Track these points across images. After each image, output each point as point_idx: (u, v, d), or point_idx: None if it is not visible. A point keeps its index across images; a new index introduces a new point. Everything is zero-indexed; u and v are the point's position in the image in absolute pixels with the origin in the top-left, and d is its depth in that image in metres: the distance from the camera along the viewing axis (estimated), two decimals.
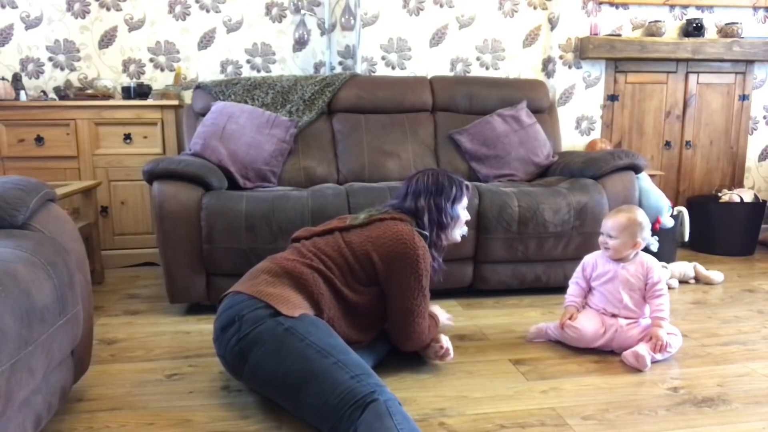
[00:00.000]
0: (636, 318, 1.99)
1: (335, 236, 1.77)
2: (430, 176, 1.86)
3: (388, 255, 1.69)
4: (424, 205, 1.81)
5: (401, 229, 1.72)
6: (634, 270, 2.00)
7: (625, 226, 1.98)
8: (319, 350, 1.46)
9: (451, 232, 1.88)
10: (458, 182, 1.88)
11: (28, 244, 1.36)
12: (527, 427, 1.53)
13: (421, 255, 1.69)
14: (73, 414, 1.60)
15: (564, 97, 3.57)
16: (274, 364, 1.48)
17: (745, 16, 3.74)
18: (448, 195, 1.84)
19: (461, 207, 1.89)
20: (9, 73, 3.17)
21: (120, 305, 2.56)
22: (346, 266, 1.72)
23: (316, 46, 3.44)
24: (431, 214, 1.82)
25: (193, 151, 2.75)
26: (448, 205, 1.83)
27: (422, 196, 1.83)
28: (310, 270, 1.68)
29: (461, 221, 1.90)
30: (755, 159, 3.87)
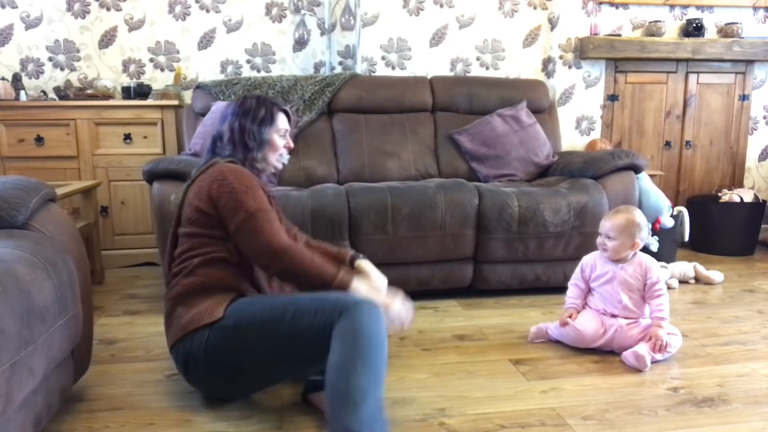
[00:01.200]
0: (636, 318, 1.99)
1: (178, 233, 1.72)
2: (241, 99, 1.80)
3: (207, 194, 1.63)
4: (227, 127, 1.76)
5: (211, 170, 1.67)
6: (632, 270, 2.00)
7: (624, 227, 1.98)
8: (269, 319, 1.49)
9: (263, 155, 1.78)
10: (270, 105, 1.80)
11: (28, 244, 1.36)
12: (527, 427, 1.53)
13: (230, 173, 1.63)
14: (73, 414, 1.60)
15: (564, 97, 3.57)
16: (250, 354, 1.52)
17: (745, 16, 3.74)
18: (254, 116, 1.76)
19: (273, 131, 1.79)
20: (9, 73, 3.17)
21: (120, 305, 2.56)
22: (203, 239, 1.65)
23: (316, 46, 3.44)
24: (233, 135, 1.75)
25: (193, 151, 2.75)
26: (254, 127, 1.75)
27: (228, 118, 1.78)
28: (193, 276, 1.62)
29: (274, 145, 1.79)
30: (755, 159, 3.87)
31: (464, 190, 2.54)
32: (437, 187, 2.55)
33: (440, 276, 2.55)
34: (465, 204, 2.49)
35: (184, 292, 1.63)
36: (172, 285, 1.68)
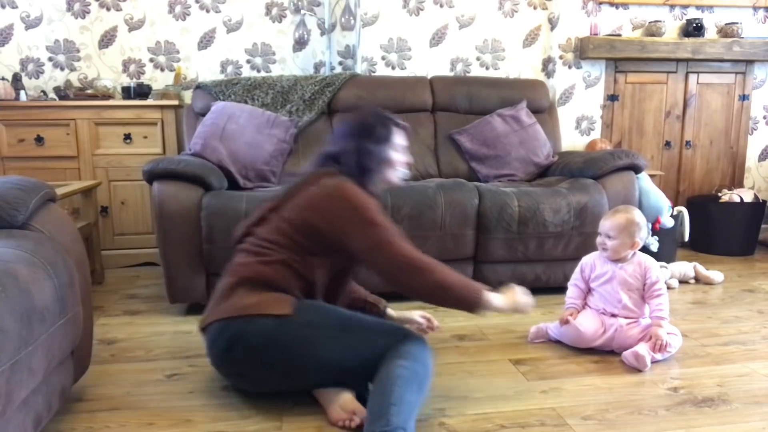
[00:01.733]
0: (636, 318, 1.99)
1: (272, 219, 1.70)
2: (358, 116, 1.78)
3: (324, 212, 1.61)
4: (347, 148, 1.72)
5: (326, 183, 1.65)
6: (632, 270, 2.00)
7: (624, 227, 1.98)
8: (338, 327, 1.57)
9: (383, 175, 1.76)
10: (387, 122, 1.76)
11: (28, 244, 1.36)
12: (527, 427, 1.53)
13: (353, 194, 1.61)
14: (73, 414, 1.60)
15: (564, 97, 3.57)
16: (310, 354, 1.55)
17: (745, 16, 3.74)
18: (375, 137, 1.72)
19: (391, 148, 1.76)
20: (9, 73, 3.17)
21: (120, 305, 2.56)
22: (294, 245, 1.64)
23: (316, 46, 3.44)
24: (354, 157, 1.70)
25: (193, 151, 2.75)
26: (374, 147, 1.72)
27: (346, 138, 1.74)
28: (268, 266, 1.62)
29: (393, 163, 1.77)
30: (755, 159, 3.87)
31: (464, 190, 2.54)
32: (437, 187, 2.55)
33: None
34: (465, 204, 2.49)
35: (253, 277, 1.62)
36: (242, 263, 1.66)
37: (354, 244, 1.60)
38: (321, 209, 1.62)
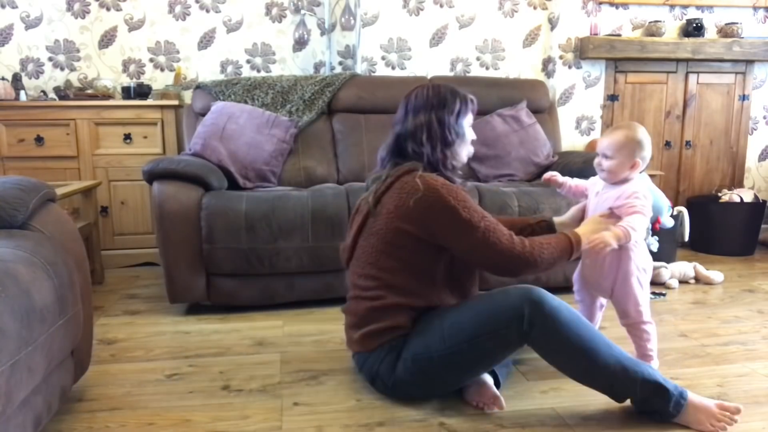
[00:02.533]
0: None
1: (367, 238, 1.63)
2: (431, 89, 1.65)
3: (416, 215, 1.53)
4: (423, 121, 1.61)
5: (409, 185, 1.54)
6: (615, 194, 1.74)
7: (622, 144, 1.72)
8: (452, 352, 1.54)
9: (458, 150, 1.66)
10: (462, 95, 1.67)
11: (28, 244, 1.36)
12: (527, 427, 1.53)
13: (444, 193, 1.52)
14: (73, 414, 1.60)
15: (564, 97, 3.57)
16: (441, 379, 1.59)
17: (745, 16, 3.73)
18: (451, 108, 1.62)
19: (467, 122, 1.67)
20: (9, 73, 3.17)
21: (120, 305, 2.56)
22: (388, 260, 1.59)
23: (316, 46, 3.44)
24: (432, 130, 1.60)
25: (193, 151, 2.75)
26: (452, 119, 1.62)
27: (422, 111, 1.62)
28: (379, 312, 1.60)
29: (467, 139, 1.68)
30: (755, 159, 3.87)
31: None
32: None
33: None
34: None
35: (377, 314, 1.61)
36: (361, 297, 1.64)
37: (455, 247, 1.57)
38: (410, 213, 1.54)
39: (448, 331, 1.54)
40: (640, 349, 1.84)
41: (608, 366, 1.48)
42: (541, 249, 1.56)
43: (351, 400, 1.67)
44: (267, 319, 2.35)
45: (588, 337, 1.48)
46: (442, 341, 1.53)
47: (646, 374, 1.49)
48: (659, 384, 1.49)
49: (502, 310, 1.50)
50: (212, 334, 2.20)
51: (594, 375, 1.51)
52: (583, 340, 1.48)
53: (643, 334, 1.82)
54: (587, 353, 1.48)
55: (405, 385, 1.61)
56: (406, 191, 1.54)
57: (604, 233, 1.62)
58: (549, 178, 1.94)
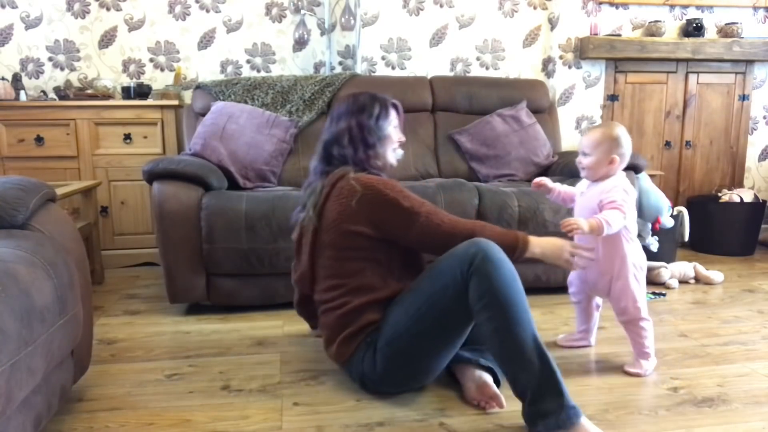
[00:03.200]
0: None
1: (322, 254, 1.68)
2: (351, 97, 1.78)
3: (361, 215, 1.59)
4: (344, 126, 1.71)
5: (346, 189, 1.61)
6: (599, 190, 1.79)
7: (599, 142, 1.78)
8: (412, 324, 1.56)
9: (381, 152, 1.74)
10: (382, 99, 1.77)
11: (28, 244, 1.36)
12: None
13: (381, 188, 1.60)
14: (73, 414, 1.60)
15: (564, 97, 3.57)
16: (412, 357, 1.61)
17: (745, 16, 3.74)
18: (370, 113, 1.72)
19: (389, 125, 1.76)
20: (9, 73, 3.17)
21: (120, 305, 2.56)
22: (347, 264, 1.64)
23: (316, 46, 3.44)
24: (353, 134, 1.70)
25: (193, 151, 2.75)
26: (371, 122, 1.71)
27: (343, 118, 1.73)
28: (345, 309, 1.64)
29: (391, 140, 1.77)
30: (755, 159, 3.87)
31: (464, 190, 2.54)
32: (437, 187, 2.55)
33: None
34: (465, 204, 2.49)
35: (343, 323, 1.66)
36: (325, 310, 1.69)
37: (403, 236, 1.61)
38: (357, 216, 1.59)
39: (408, 303, 1.57)
40: (638, 346, 1.85)
41: (523, 334, 1.44)
42: (483, 230, 1.61)
43: (351, 400, 1.67)
44: (267, 319, 2.35)
45: (515, 299, 1.47)
46: (406, 314, 1.56)
47: (553, 369, 1.43)
48: (560, 386, 1.42)
49: (452, 259, 1.52)
50: (212, 334, 2.20)
51: (505, 341, 1.44)
52: (509, 299, 1.46)
53: (641, 331, 1.84)
54: (509, 312, 1.45)
55: (390, 376, 1.62)
56: (345, 195, 1.61)
57: (580, 219, 1.69)
58: (538, 183, 1.95)
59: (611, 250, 1.81)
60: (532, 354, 1.43)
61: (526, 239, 1.65)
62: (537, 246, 1.66)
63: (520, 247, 1.62)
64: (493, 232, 1.62)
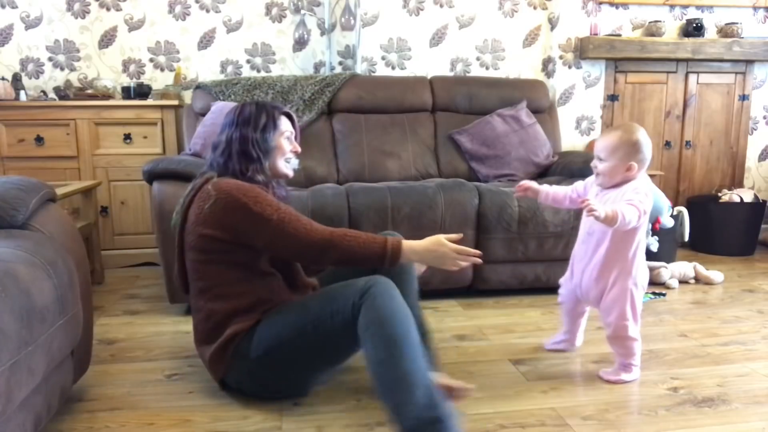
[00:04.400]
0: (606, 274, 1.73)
1: (188, 255, 1.68)
2: (239, 107, 1.71)
3: (214, 219, 1.57)
4: (226, 138, 1.67)
5: (204, 193, 1.60)
6: (618, 195, 1.66)
7: (616, 147, 1.66)
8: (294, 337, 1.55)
9: (268, 164, 1.69)
10: (270, 109, 1.71)
11: (28, 244, 1.36)
12: (527, 427, 1.53)
13: (234, 192, 1.55)
14: (73, 414, 1.60)
15: (564, 97, 3.57)
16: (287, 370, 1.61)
17: (745, 16, 3.73)
18: (256, 125, 1.66)
19: (278, 136, 1.70)
20: (9, 73, 3.17)
21: (120, 305, 2.56)
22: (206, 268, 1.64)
23: (316, 46, 3.44)
24: (230, 146, 1.65)
25: (193, 151, 2.75)
26: (257, 135, 1.66)
27: (227, 128, 1.68)
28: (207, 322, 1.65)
29: (281, 151, 1.71)
30: (755, 159, 3.87)
31: (464, 190, 2.54)
32: (437, 187, 2.55)
33: (440, 276, 2.55)
34: (465, 204, 2.49)
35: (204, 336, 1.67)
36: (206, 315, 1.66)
37: (256, 242, 1.58)
38: (212, 219, 1.57)
39: (293, 317, 1.56)
40: (621, 359, 1.79)
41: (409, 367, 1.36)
42: (344, 238, 1.55)
43: (351, 400, 1.67)
44: None
45: (404, 334, 1.40)
46: (290, 327, 1.55)
47: (437, 405, 1.33)
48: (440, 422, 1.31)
49: (348, 289, 1.50)
50: None
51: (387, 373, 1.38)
52: (398, 333, 1.39)
53: (626, 350, 1.77)
54: (394, 345, 1.38)
55: (266, 384, 1.64)
56: (203, 199, 1.60)
57: (599, 204, 1.57)
58: (524, 187, 1.88)
59: (614, 256, 1.71)
60: (417, 388, 1.33)
61: (398, 246, 1.56)
62: (412, 252, 1.58)
63: (388, 255, 1.55)
64: (356, 241, 1.55)
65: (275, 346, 1.56)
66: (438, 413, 1.32)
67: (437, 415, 1.31)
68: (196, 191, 1.66)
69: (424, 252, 1.58)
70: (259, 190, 1.60)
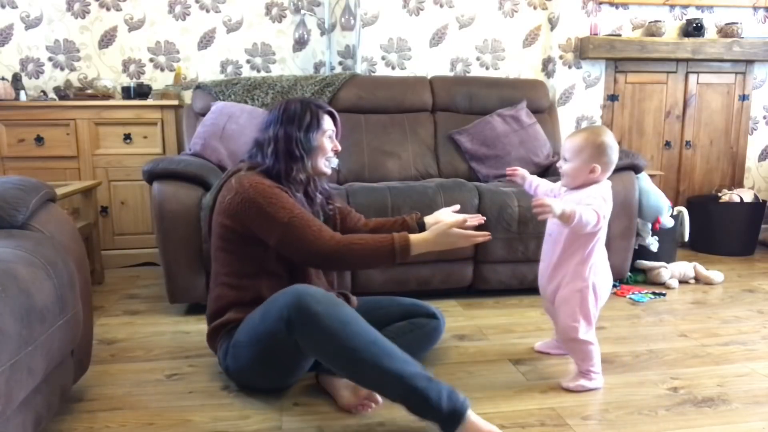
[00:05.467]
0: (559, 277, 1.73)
1: (212, 235, 1.74)
2: (284, 104, 1.72)
3: (232, 212, 1.62)
4: (271, 135, 1.69)
5: (231, 184, 1.65)
6: (576, 199, 1.64)
7: (581, 148, 1.65)
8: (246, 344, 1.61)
9: (310, 163, 1.71)
10: (315, 108, 1.72)
11: (28, 244, 1.36)
12: (527, 427, 1.53)
13: (251, 191, 1.59)
14: (73, 414, 1.60)
15: (564, 97, 3.57)
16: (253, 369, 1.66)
17: (745, 16, 3.73)
18: (300, 123, 1.68)
19: (321, 135, 1.72)
20: (9, 73, 3.17)
21: (120, 305, 2.56)
22: (223, 255, 1.70)
23: (316, 46, 3.44)
24: (278, 144, 1.67)
25: (193, 151, 2.75)
26: (300, 134, 1.67)
27: (272, 126, 1.70)
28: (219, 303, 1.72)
29: (322, 151, 1.73)
30: (755, 159, 3.87)
31: (464, 190, 2.54)
32: (437, 187, 2.55)
33: (440, 276, 2.55)
34: (465, 204, 2.49)
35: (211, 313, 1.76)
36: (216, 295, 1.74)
37: (267, 240, 1.62)
38: (230, 209, 1.63)
39: (248, 324, 1.60)
40: (579, 364, 1.76)
41: (370, 375, 1.41)
42: (350, 246, 1.58)
43: None
44: None
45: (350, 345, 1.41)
46: (247, 333, 1.60)
47: (416, 387, 1.38)
48: (429, 402, 1.37)
49: (273, 310, 1.52)
50: None
51: (361, 381, 1.47)
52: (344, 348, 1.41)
53: (579, 354, 1.74)
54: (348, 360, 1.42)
55: (235, 372, 1.69)
56: (228, 189, 1.66)
57: (554, 201, 1.56)
58: (511, 172, 1.93)
59: (567, 258, 1.69)
60: (389, 384, 1.40)
61: (406, 243, 1.59)
62: (421, 246, 1.62)
63: (398, 253, 1.58)
64: (363, 247, 1.58)
65: (238, 342, 1.63)
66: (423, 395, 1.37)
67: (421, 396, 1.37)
68: (228, 177, 1.72)
69: (433, 242, 1.63)
70: (278, 191, 1.62)
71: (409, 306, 1.86)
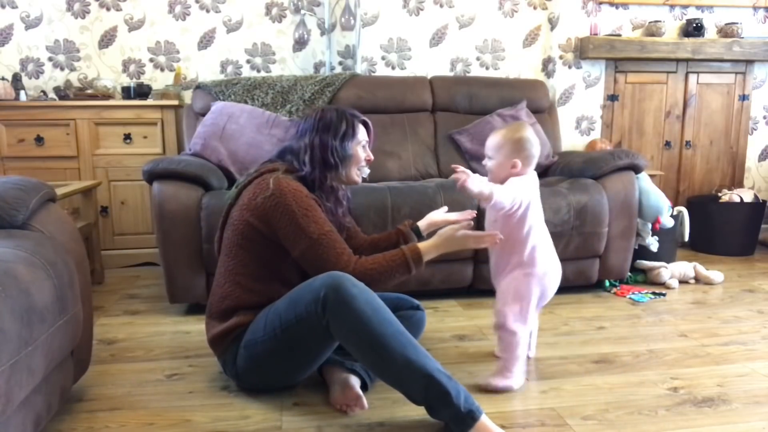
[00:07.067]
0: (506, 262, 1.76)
1: (226, 229, 1.72)
2: (320, 112, 1.72)
3: (261, 212, 1.60)
4: (307, 143, 1.68)
5: (265, 182, 1.62)
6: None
7: (501, 144, 1.70)
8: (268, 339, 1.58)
9: (344, 172, 1.72)
10: (350, 117, 1.72)
11: (28, 244, 1.36)
12: (527, 427, 1.53)
13: (289, 197, 1.57)
14: (73, 414, 1.60)
15: (564, 97, 3.57)
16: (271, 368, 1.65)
17: (745, 16, 3.73)
18: (336, 132, 1.68)
19: (355, 144, 1.72)
20: (9, 73, 3.17)
21: (120, 305, 2.56)
22: (242, 253, 1.65)
23: (316, 46, 3.44)
24: (314, 152, 1.67)
25: (193, 151, 2.75)
26: (336, 143, 1.67)
27: (307, 133, 1.70)
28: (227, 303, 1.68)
29: (356, 160, 1.73)
30: (755, 159, 3.87)
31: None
32: (437, 187, 2.55)
33: (440, 276, 2.55)
34: (465, 204, 2.49)
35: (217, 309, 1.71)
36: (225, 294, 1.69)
37: (291, 250, 1.61)
38: (259, 209, 1.60)
39: (269, 317, 1.59)
40: (503, 357, 1.75)
41: (395, 363, 1.43)
42: (365, 272, 1.58)
43: None
44: None
45: (380, 331, 1.43)
46: (264, 328, 1.58)
47: (439, 382, 1.41)
48: (449, 397, 1.40)
49: (306, 293, 1.51)
50: None
51: (382, 370, 1.47)
52: (374, 333, 1.43)
53: (505, 344, 1.74)
54: (375, 346, 1.43)
55: (245, 374, 1.66)
56: (260, 188, 1.62)
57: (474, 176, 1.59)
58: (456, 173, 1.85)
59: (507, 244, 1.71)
60: (413, 374, 1.42)
61: (417, 252, 1.62)
62: (431, 252, 1.65)
63: (411, 264, 1.61)
64: (379, 270, 1.59)
65: (252, 342, 1.61)
66: (443, 390, 1.41)
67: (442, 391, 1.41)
68: (260, 174, 1.68)
69: (443, 245, 1.66)
70: (314, 203, 1.62)
71: (395, 300, 1.87)
